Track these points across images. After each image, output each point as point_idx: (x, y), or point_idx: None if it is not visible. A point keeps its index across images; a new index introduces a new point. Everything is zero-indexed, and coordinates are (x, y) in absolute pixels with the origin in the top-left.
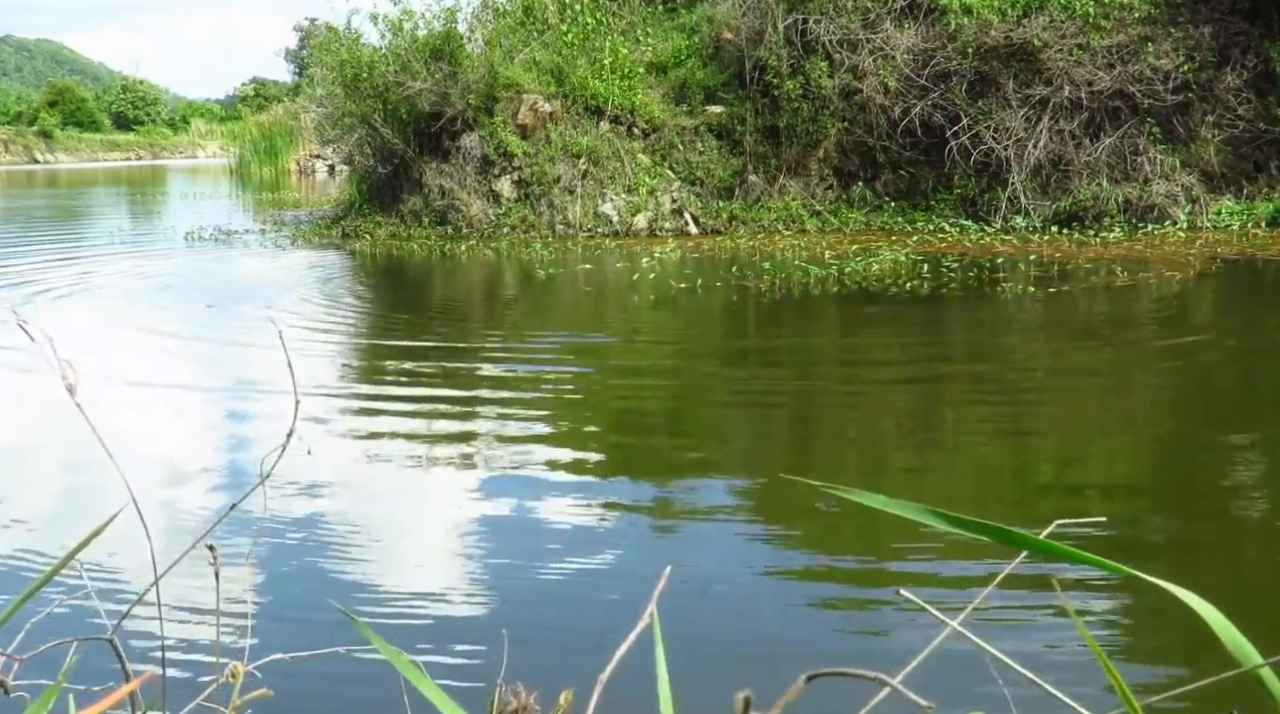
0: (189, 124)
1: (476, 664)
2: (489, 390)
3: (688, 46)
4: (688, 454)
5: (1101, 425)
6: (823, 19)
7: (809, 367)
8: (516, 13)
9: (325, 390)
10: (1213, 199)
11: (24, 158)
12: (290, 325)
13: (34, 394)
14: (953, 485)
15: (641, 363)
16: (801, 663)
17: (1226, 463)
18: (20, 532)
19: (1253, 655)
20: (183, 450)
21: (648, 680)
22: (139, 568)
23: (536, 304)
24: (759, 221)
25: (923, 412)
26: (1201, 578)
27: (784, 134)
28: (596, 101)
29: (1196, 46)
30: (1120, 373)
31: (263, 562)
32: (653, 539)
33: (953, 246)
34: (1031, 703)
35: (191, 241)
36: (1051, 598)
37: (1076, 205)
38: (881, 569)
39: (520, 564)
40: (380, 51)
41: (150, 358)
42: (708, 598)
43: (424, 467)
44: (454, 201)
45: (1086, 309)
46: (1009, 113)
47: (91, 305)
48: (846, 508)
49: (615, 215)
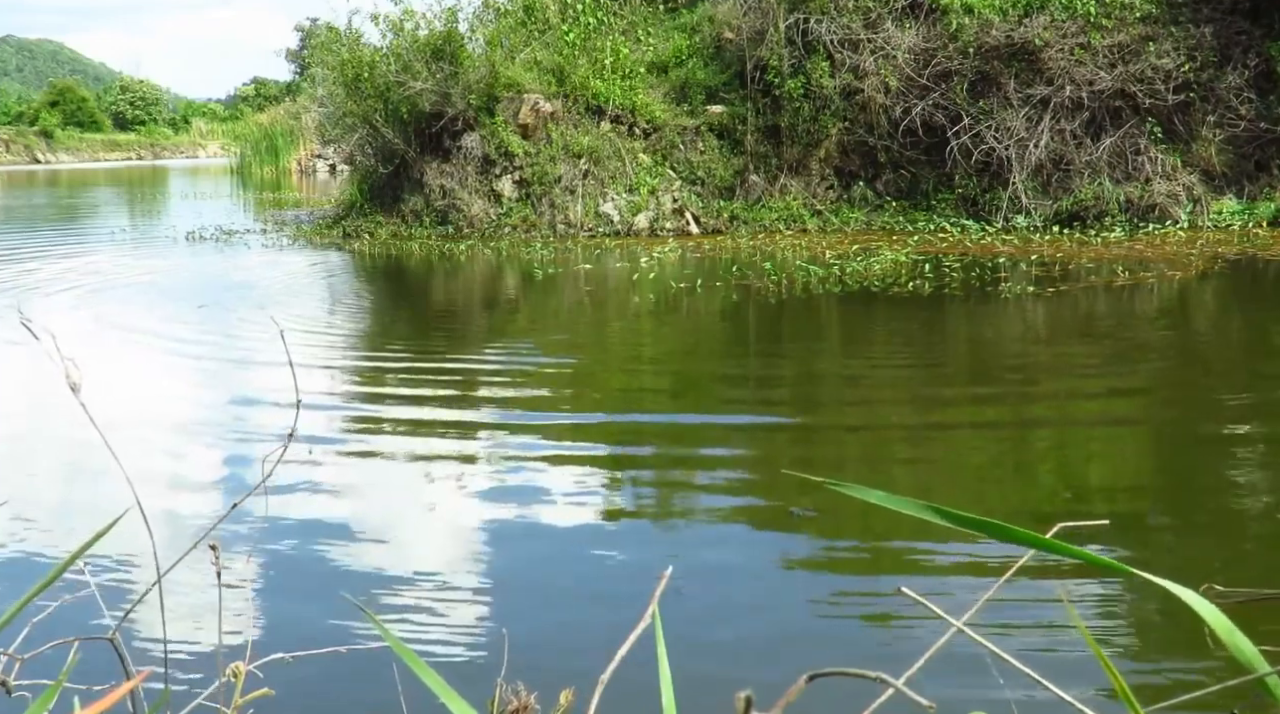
0: (190, 124)
1: (477, 664)
2: (488, 390)
3: (689, 46)
4: (687, 456)
5: (1102, 424)
6: (824, 19)
7: (811, 363)
8: (517, 13)
9: (324, 393)
10: (1214, 199)
11: (25, 158)
12: (290, 327)
13: (34, 391)
14: (959, 486)
15: (641, 360)
16: (804, 661)
17: (1228, 460)
18: (20, 530)
19: (1252, 654)
20: (183, 451)
21: (648, 680)
22: (141, 567)
23: (536, 305)
24: (760, 221)
25: (923, 410)
26: (1201, 575)
27: (785, 134)
28: (598, 101)
29: (1198, 46)
30: (1120, 371)
31: (264, 561)
32: (654, 538)
33: (954, 246)
34: (1033, 704)
35: (193, 241)
36: (1052, 597)
37: (1077, 205)
38: (882, 568)
39: (520, 564)
40: (381, 51)
41: (149, 359)
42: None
43: (423, 467)
44: (455, 201)
45: (1088, 309)
46: (1010, 112)
47: (89, 307)
48: (846, 509)
49: (616, 215)
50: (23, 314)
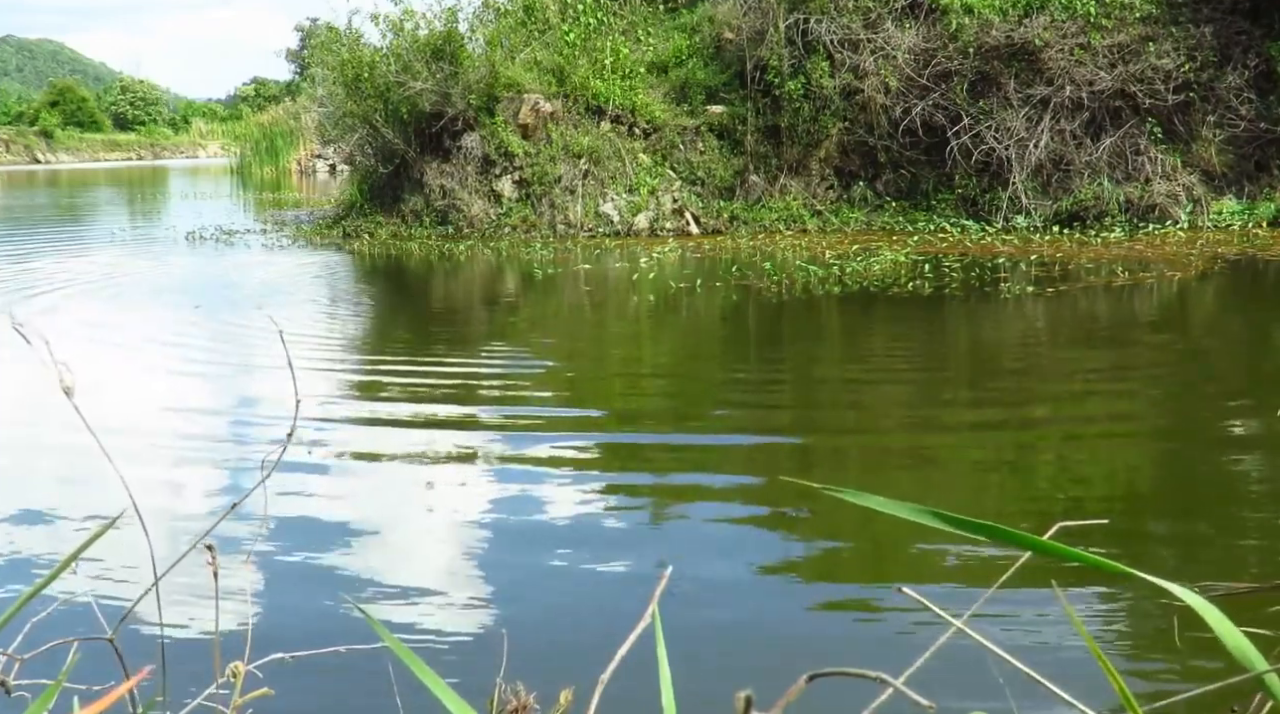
0: (190, 124)
1: (476, 664)
2: (487, 392)
3: (689, 46)
4: (686, 457)
5: (1101, 424)
6: (824, 19)
7: (809, 366)
8: (517, 12)
9: (323, 394)
10: (1214, 199)
11: (25, 158)
12: (288, 328)
13: (28, 395)
14: (958, 488)
15: (640, 362)
16: (804, 661)
17: (1228, 462)
18: (20, 531)
19: (1253, 655)
20: (181, 453)
21: (648, 681)
22: (139, 568)
23: (535, 305)
24: (760, 221)
25: (922, 412)
26: (1201, 576)
27: (785, 134)
28: (598, 101)
29: (1198, 46)
30: (1119, 372)
31: (263, 562)
32: (653, 540)
33: (954, 246)
34: (1033, 706)
35: (193, 241)
36: (1049, 598)
37: (1077, 205)
38: (882, 570)
39: (519, 565)
40: (381, 51)
41: (146, 361)
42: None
43: (421, 469)
44: (455, 201)
45: (1087, 309)
46: (1010, 112)
47: (86, 308)
48: (845, 511)
49: (616, 215)
50: (14, 318)
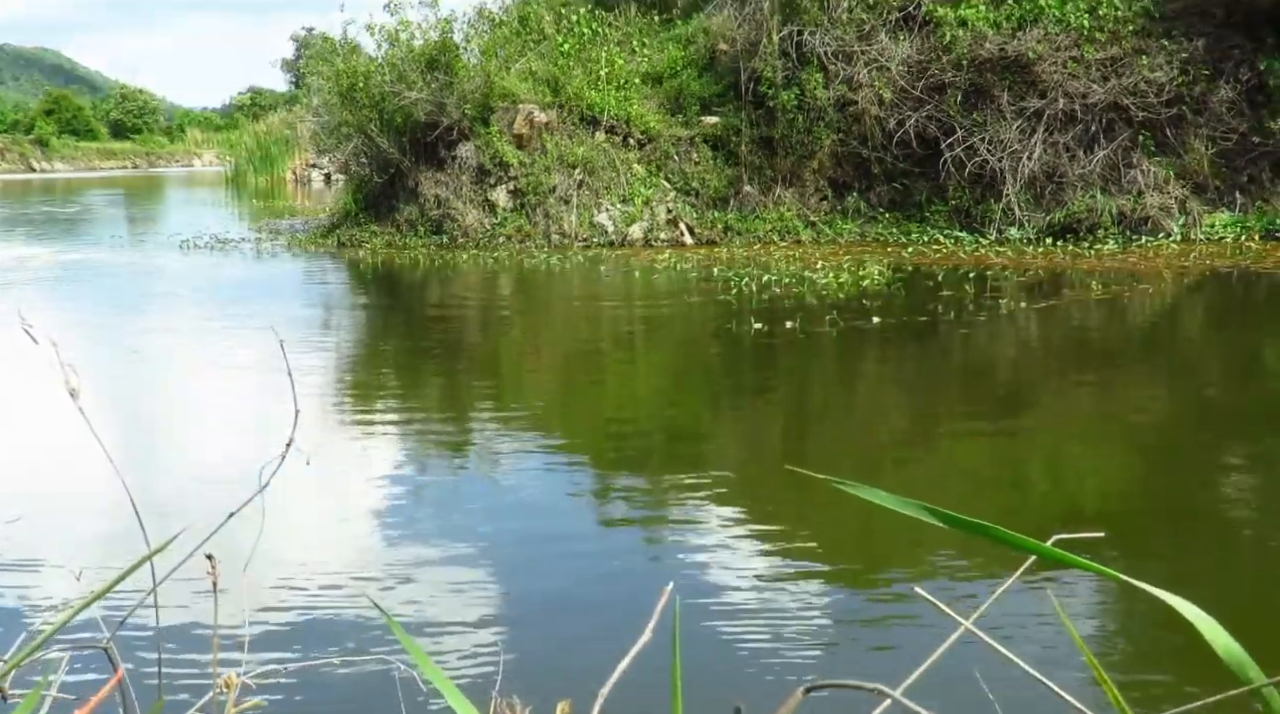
0: (185, 132)
1: (473, 678)
2: (483, 402)
3: (683, 57)
4: (686, 458)
5: (1095, 438)
6: (818, 31)
7: (808, 367)
8: (512, 23)
9: (321, 402)
10: (1206, 211)
11: (20, 166)
12: (286, 337)
13: (24, 396)
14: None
15: (634, 373)
16: (801, 672)
17: (1221, 477)
18: (17, 533)
19: (1249, 667)
20: (180, 460)
21: (646, 692)
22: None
23: (528, 315)
24: (754, 232)
25: (918, 420)
26: (1197, 589)
27: (779, 145)
28: (592, 112)
29: (1190, 59)
30: (1112, 384)
31: (260, 570)
32: (654, 548)
33: (947, 258)
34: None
35: (186, 249)
36: (1046, 607)
37: (1070, 217)
38: (882, 573)
39: (517, 576)
40: (376, 61)
41: (145, 368)
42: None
43: (420, 478)
44: (449, 211)
45: (1080, 321)
46: (1003, 125)
47: (81, 313)
48: (845, 513)
49: (610, 225)
50: (24, 319)
